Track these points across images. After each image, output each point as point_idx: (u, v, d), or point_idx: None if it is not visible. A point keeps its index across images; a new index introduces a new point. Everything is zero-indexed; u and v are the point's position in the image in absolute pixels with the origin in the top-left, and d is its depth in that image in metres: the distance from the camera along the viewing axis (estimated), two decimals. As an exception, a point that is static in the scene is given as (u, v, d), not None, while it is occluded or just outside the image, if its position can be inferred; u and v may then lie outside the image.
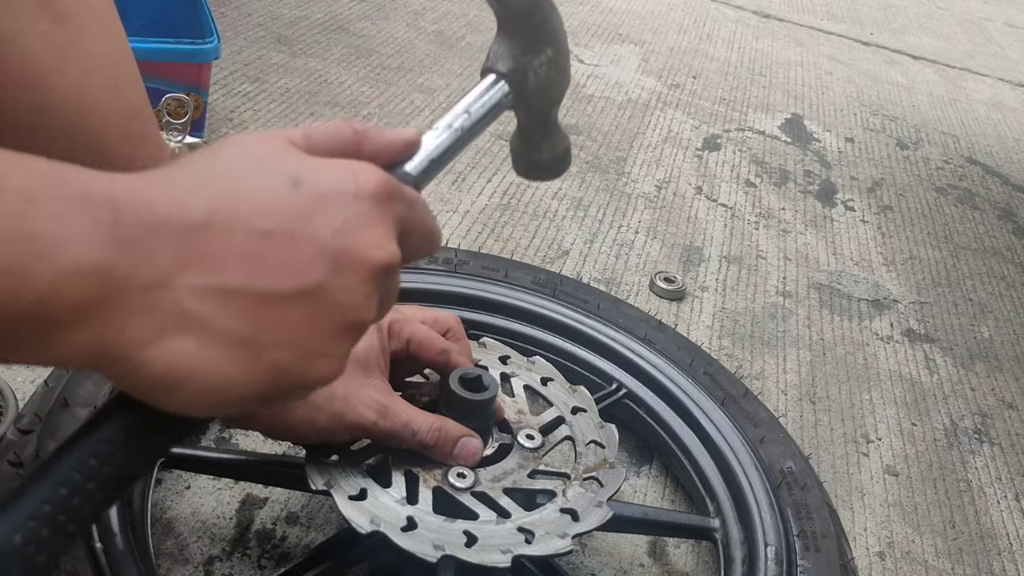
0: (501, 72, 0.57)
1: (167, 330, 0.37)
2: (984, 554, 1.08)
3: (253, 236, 0.39)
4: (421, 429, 0.72)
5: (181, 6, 1.34)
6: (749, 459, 0.95)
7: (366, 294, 0.42)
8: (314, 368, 0.41)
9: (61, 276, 0.34)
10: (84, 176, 0.36)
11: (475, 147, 1.70)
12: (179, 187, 0.39)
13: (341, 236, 0.41)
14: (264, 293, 0.39)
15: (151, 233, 0.37)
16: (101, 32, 0.55)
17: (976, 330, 1.54)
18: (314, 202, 0.41)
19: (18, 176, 0.34)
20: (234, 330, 0.39)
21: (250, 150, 0.42)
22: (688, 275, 1.48)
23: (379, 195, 0.44)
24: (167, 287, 0.37)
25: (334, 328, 0.42)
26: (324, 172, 0.42)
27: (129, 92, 0.56)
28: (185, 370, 0.38)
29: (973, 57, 3.18)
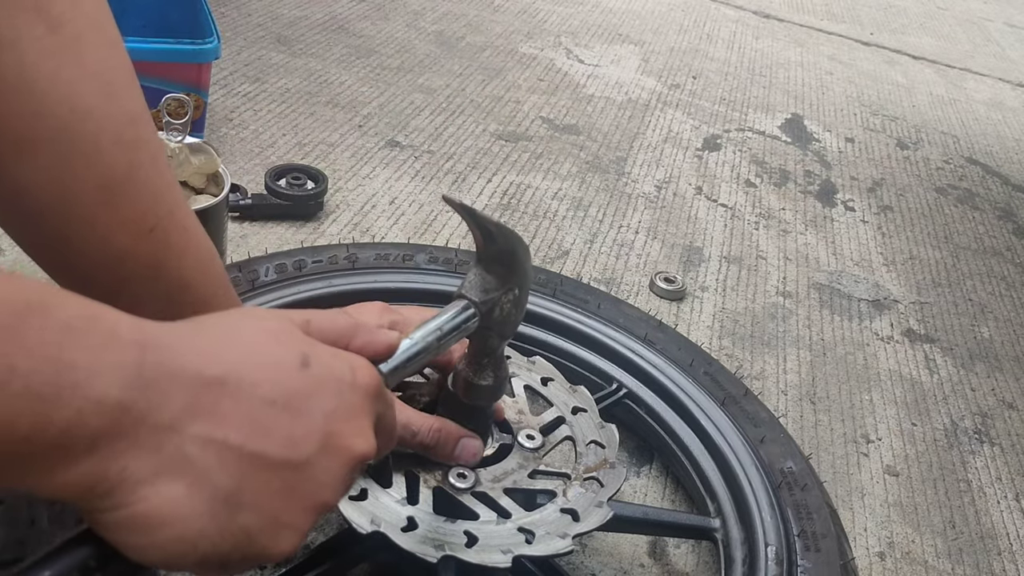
0: (474, 301, 0.64)
1: (164, 473, 0.39)
2: (984, 554, 1.08)
3: (261, 402, 0.42)
4: (421, 430, 0.72)
5: (181, 6, 1.34)
6: (749, 459, 0.95)
7: (341, 479, 0.46)
8: (276, 540, 0.44)
9: (88, 406, 0.36)
10: (114, 316, 0.39)
11: (475, 147, 1.70)
12: (201, 342, 0.42)
13: (335, 420, 0.45)
14: (257, 455, 0.42)
15: (171, 378, 0.39)
16: (96, 38, 0.55)
17: (976, 330, 1.54)
18: (316, 384, 0.45)
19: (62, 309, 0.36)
20: (222, 485, 0.41)
21: (265, 326, 0.46)
22: (688, 275, 1.48)
23: (369, 391, 0.48)
24: (175, 431, 0.39)
25: (305, 503, 0.44)
26: (329, 359, 0.47)
27: (125, 97, 0.56)
28: (167, 515, 0.39)
29: (973, 57, 3.18)
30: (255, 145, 1.52)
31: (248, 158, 1.48)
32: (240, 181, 1.38)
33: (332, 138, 1.60)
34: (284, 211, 1.34)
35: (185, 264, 0.61)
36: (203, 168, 1.12)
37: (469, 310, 0.64)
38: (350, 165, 1.54)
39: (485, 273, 0.65)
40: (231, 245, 1.25)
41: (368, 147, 1.61)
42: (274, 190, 1.34)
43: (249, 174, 1.43)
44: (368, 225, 1.39)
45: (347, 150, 1.58)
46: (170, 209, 0.59)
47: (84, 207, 0.55)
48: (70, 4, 0.53)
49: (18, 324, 0.34)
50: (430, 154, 1.64)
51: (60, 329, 0.36)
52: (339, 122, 1.66)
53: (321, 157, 1.53)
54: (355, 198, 1.45)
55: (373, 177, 1.52)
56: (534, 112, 1.92)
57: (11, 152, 0.52)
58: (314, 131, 1.61)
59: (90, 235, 0.56)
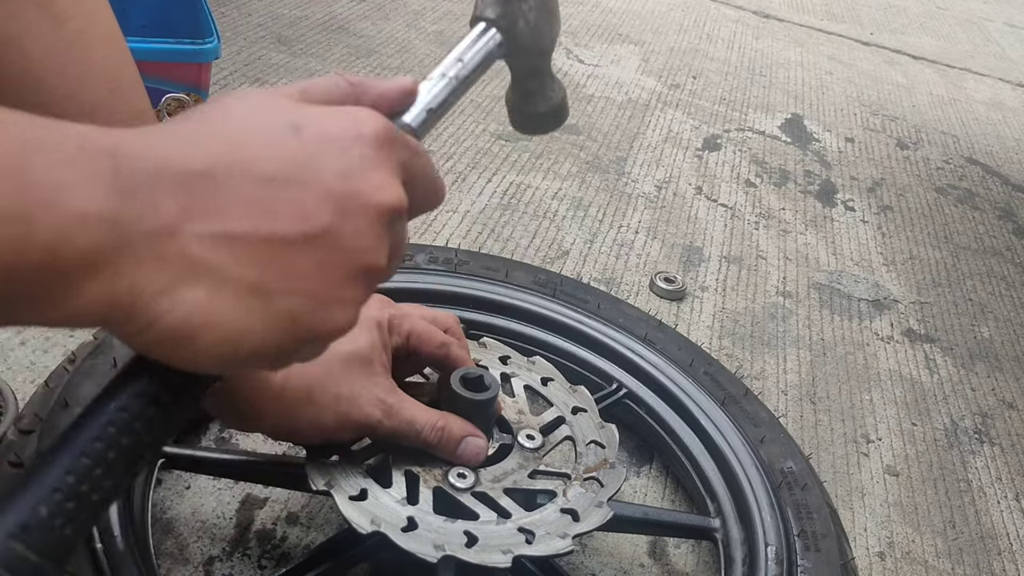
0: (490, 19, 0.56)
1: (177, 280, 0.36)
2: (984, 554, 1.08)
3: (256, 182, 0.39)
4: (424, 427, 0.72)
5: (181, 6, 1.34)
6: (749, 459, 0.95)
7: (376, 236, 0.42)
8: (327, 316, 0.41)
9: (68, 223, 0.33)
10: (79, 128, 0.36)
11: (475, 147, 1.70)
12: (177, 137, 0.39)
13: (346, 179, 0.41)
14: (270, 238, 0.38)
15: (153, 181, 0.36)
16: (100, 34, 0.55)
17: (976, 330, 1.54)
18: (316, 146, 0.41)
19: (16, 126, 0.33)
20: (243, 277, 0.38)
21: (246, 102, 0.42)
22: (688, 275, 1.48)
23: (381, 139, 0.43)
24: (174, 235, 0.36)
25: (344, 274, 0.41)
26: (324, 118, 0.42)
27: (130, 93, 0.56)
28: (199, 321, 0.37)
29: (973, 57, 3.18)
30: (255, 145, 1.52)
31: (248, 158, 1.48)
32: (240, 181, 1.38)
33: (332, 138, 1.60)
34: (284, 211, 1.34)
35: None
36: (203, 168, 1.12)
37: (490, 31, 0.56)
38: (350, 165, 1.53)
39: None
40: (231, 245, 1.25)
41: (368, 147, 1.61)
42: (274, 190, 1.33)
43: (249, 174, 1.43)
44: (368, 225, 1.39)
45: (347, 150, 1.58)
46: None
47: None
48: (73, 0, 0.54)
49: None
50: (430, 154, 1.64)
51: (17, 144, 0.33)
52: (339, 122, 1.66)
53: (321, 157, 1.53)
54: (355, 198, 1.45)
55: (373, 177, 1.52)
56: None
57: None
58: (314, 131, 1.61)
59: None
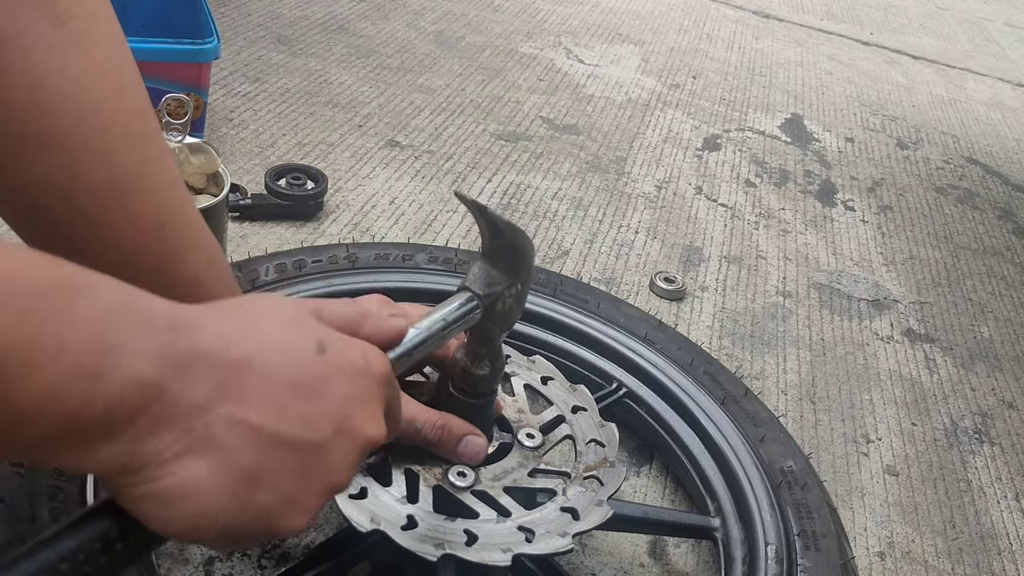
0: (477, 294, 0.66)
1: (192, 450, 0.40)
2: (984, 554, 1.08)
3: (282, 384, 0.44)
4: (425, 426, 0.72)
5: (181, 6, 1.34)
6: (749, 458, 0.95)
7: (352, 461, 0.48)
8: (291, 517, 0.45)
9: (129, 384, 0.37)
10: (148, 298, 0.40)
11: (475, 147, 1.70)
12: (226, 326, 0.43)
13: (347, 405, 0.47)
14: (278, 436, 0.43)
15: (202, 359, 0.41)
16: (101, 33, 0.55)
17: (976, 330, 1.54)
18: (332, 369, 0.46)
19: (105, 292, 0.38)
20: (243, 463, 0.42)
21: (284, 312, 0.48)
22: (688, 275, 1.48)
23: (381, 378, 0.50)
24: (205, 411, 0.40)
25: (318, 484, 0.46)
26: (344, 346, 0.48)
27: (131, 92, 0.56)
28: (192, 489, 0.40)
29: (973, 57, 3.18)
30: (255, 145, 1.52)
31: (248, 158, 1.48)
32: (240, 181, 1.38)
33: (332, 138, 1.60)
34: (284, 211, 1.34)
35: (192, 260, 0.61)
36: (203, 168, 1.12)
37: (472, 302, 0.65)
38: (350, 165, 1.54)
39: (490, 268, 0.67)
40: (231, 245, 1.25)
41: (368, 147, 1.61)
42: (274, 190, 1.34)
43: (249, 174, 1.43)
44: (368, 225, 1.39)
45: (347, 150, 1.58)
46: (178, 207, 0.59)
47: (93, 205, 0.55)
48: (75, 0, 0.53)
49: (68, 304, 0.35)
50: (430, 154, 1.64)
51: (104, 310, 0.37)
52: (339, 122, 1.66)
53: (321, 157, 1.53)
54: (355, 198, 1.45)
55: (373, 177, 1.52)
56: (534, 112, 1.92)
57: (18, 148, 0.52)
58: (314, 131, 1.61)
59: (98, 233, 0.56)
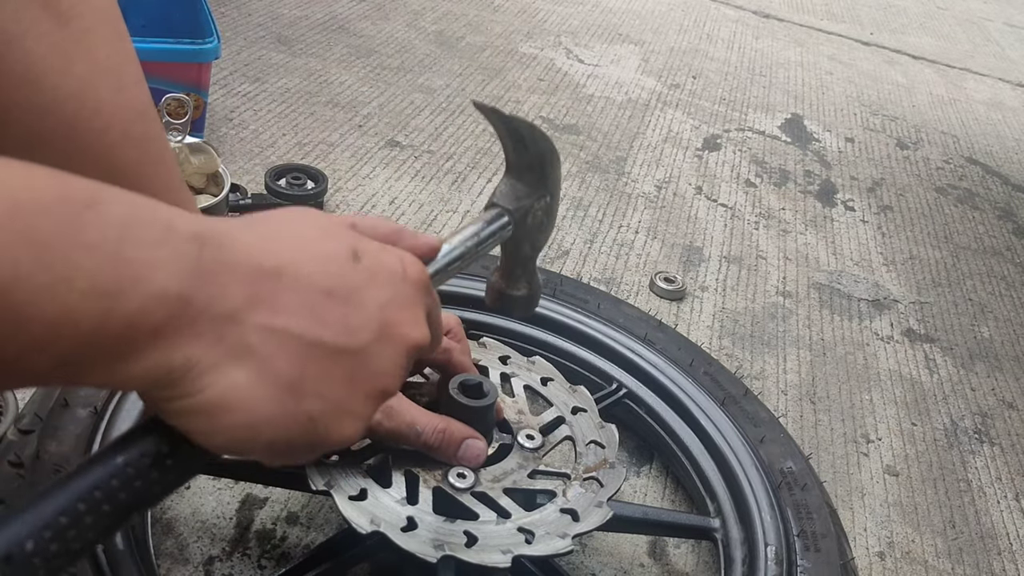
0: (507, 208, 0.64)
1: (228, 360, 0.39)
2: (984, 554, 1.08)
3: (317, 292, 0.43)
4: (426, 430, 0.72)
5: (181, 6, 1.34)
6: (749, 459, 0.95)
7: (399, 365, 0.47)
8: (341, 425, 0.44)
9: (150, 300, 0.36)
10: (168, 210, 0.39)
11: (475, 147, 1.70)
12: (255, 235, 0.42)
13: (388, 310, 0.46)
14: (316, 342, 0.42)
15: (229, 270, 0.40)
16: (105, 33, 0.55)
17: (976, 330, 1.54)
18: (369, 275, 0.46)
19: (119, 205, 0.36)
20: (284, 371, 0.41)
21: (315, 220, 0.47)
22: (688, 275, 1.48)
23: (419, 283, 0.49)
24: (236, 321, 0.40)
25: (366, 390, 0.45)
26: (379, 252, 0.48)
27: (133, 92, 0.56)
28: (233, 401, 0.40)
29: (973, 57, 3.18)
30: (255, 145, 1.52)
31: (248, 158, 1.48)
32: (240, 181, 1.38)
33: (332, 138, 1.60)
34: (284, 211, 1.34)
35: None
36: (203, 168, 1.12)
37: (503, 218, 0.64)
38: (350, 165, 1.54)
39: (516, 181, 0.65)
40: (231, 245, 1.25)
41: (368, 147, 1.61)
42: (274, 190, 1.34)
43: (249, 174, 1.43)
44: (368, 225, 1.39)
45: (347, 150, 1.58)
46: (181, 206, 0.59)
47: None
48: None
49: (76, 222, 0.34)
50: (430, 154, 1.64)
51: (118, 224, 0.36)
52: (339, 122, 1.66)
53: (321, 157, 1.53)
54: (355, 198, 1.45)
55: (373, 177, 1.52)
56: (534, 112, 1.92)
57: (19, 148, 0.52)
58: (314, 131, 1.61)
59: None
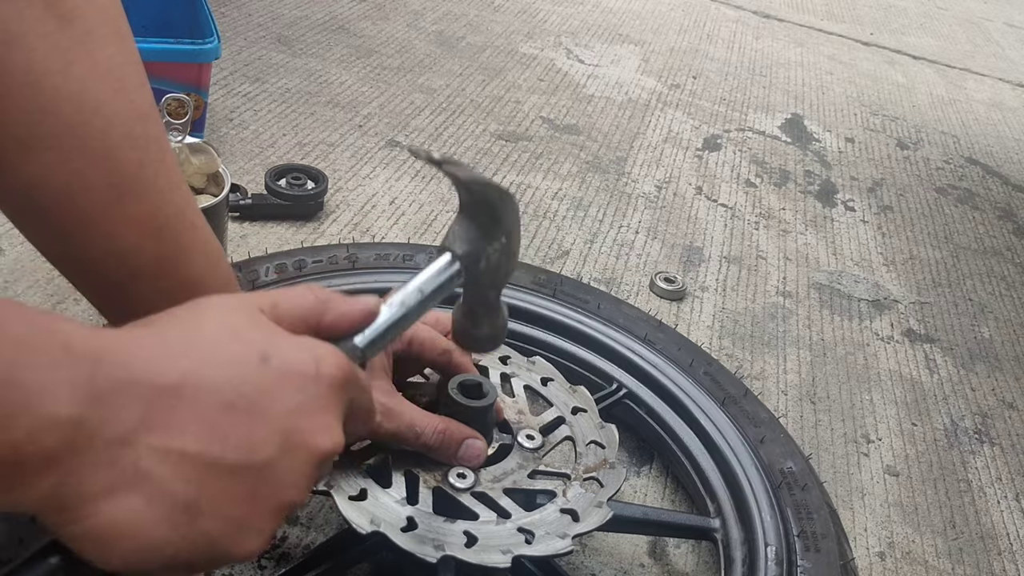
0: (457, 254, 0.59)
1: (119, 486, 0.39)
2: (984, 554, 1.08)
3: (217, 406, 0.41)
4: (425, 431, 0.72)
5: (181, 6, 1.34)
6: (749, 459, 0.95)
7: (306, 477, 0.45)
8: (240, 543, 0.43)
9: (39, 425, 0.35)
10: (67, 327, 0.38)
11: (475, 147, 1.70)
12: (157, 348, 0.41)
13: (296, 417, 0.44)
14: (216, 462, 0.41)
15: (125, 389, 0.39)
16: (108, 33, 0.55)
17: (976, 330, 1.54)
18: (277, 380, 0.44)
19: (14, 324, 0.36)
20: (180, 493, 0.40)
21: (227, 320, 0.45)
22: (688, 275, 1.48)
23: (335, 381, 0.47)
24: (129, 445, 0.39)
25: (269, 506, 0.44)
26: (290, 351, 0.45)
27: (135, 94, 0.56)
28: (126, 527, 0.39)
29: (973, 57, 3.18)
30: (255, 145, 1.52)
31: (248, 158, 1.48)
32: (240, 181, 1.38)
33: (332, 138, 1.60)
34: (284, 211, 1.34)
35: (193, 262, 0.60)
36: (203, 168, 1.12)
37: (453, 265, 0.59)
38: (350, 165, 1.54)
39: (468, 222, 0.60)
40: (231, 245, 1.25)
41: (368, 147, 1.61)
42: (274, 190, 1.34)
43: (249, 174, 1.43)
44: (368, 225, 1.39)
45: (347, 150, 1.58)
46: (179, 208, 0.59)
47: (92, 205, 0.55)
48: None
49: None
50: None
51: (12, 346, 0.35)
52: (339, 122, 1.66)
53: (321, 157, 1.53)
54: (355, 198, 1.45)
55: (373, 177, 1.52)
56: (534, 112, 1.92)
57: (19, 149, 0.52)
58: (314, 131, 1.61)
59: (98, 233, 0.56)
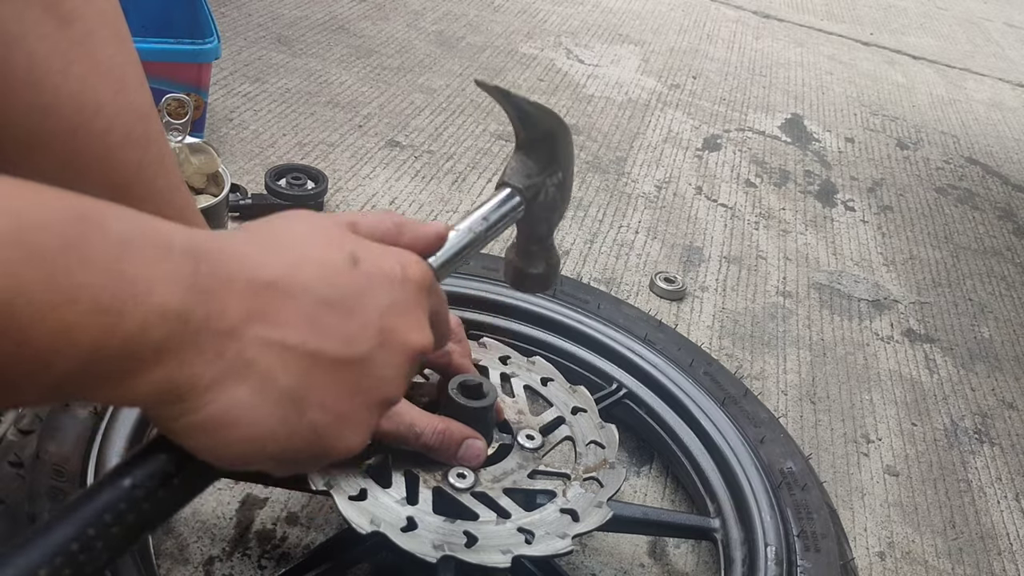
0: (517, 187, 0.62)
1: (229, 375, 0.39)
2: (984, 554, 1.08)
3: (315, 302, 0.42)
4: (425, 431, 0.72)
5: (181, 6, 1.34)
6: (749, 459, 0.95)
7: (401, 372, 0.46)
8: (344, 435, 0.44)
9: (150, 316, 0.36)
10: (167, 227, 0.39)
11: (475, 147, 1.70)
12: (251, 247, 0.42)
13: (389, 315, 0.45)
14: (317, 354, 0.42)
15: (226, 284, 0.40)
16: (107, 34, 0.55)
17: (976, 330, 1.54)
18: (369, 280, 0.45)
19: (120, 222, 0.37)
20: (286, 385, 0.41)
21: (312, 224, 0.46)
22: (688, 275, 1.48)
23: (420, 285, 0.48)
24: (235, 336, 0.40)
25: (369, 399, 0.45)
26: (378, 256, 0.47)
27: (135, 94, 0.56)
28: (235, 416, 0.40)
29: (973, 57, 3.18)
30: (255, 145, 1.52)
31: (248, 158, 1.48)
32: (240, 181, 1.38)
33: (332, 138, 1.60)
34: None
35: None
36: (203, 168, 1.12)
37: (514, 198, 0.62)
38: (350, 165, 1.54)
39: (526, 158, 0.63)
40: (231, 245, 1.25)
41: (368, 147, 1.61)
42: (274, 190, 1.34)
43: (249, 174, 1.43)
44: (368, 225, 1.39)
45: (347, 150, 1.58)
46: (179, 208, 0.59)
47: None
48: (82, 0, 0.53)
49: (79, 240, 0.34)
50: (430, 154, 1.64)
51: (118, 242, 0.36)
52: (339, 122, 1.66)
53: (321, 157, 1.53)
54: (355, 198, 1.45)
55: (373, 177, 1.52)
56: (534, 112, 1.92)
57: (20, 149, 0.52)
58: (314, 131, 1.61)
59: None
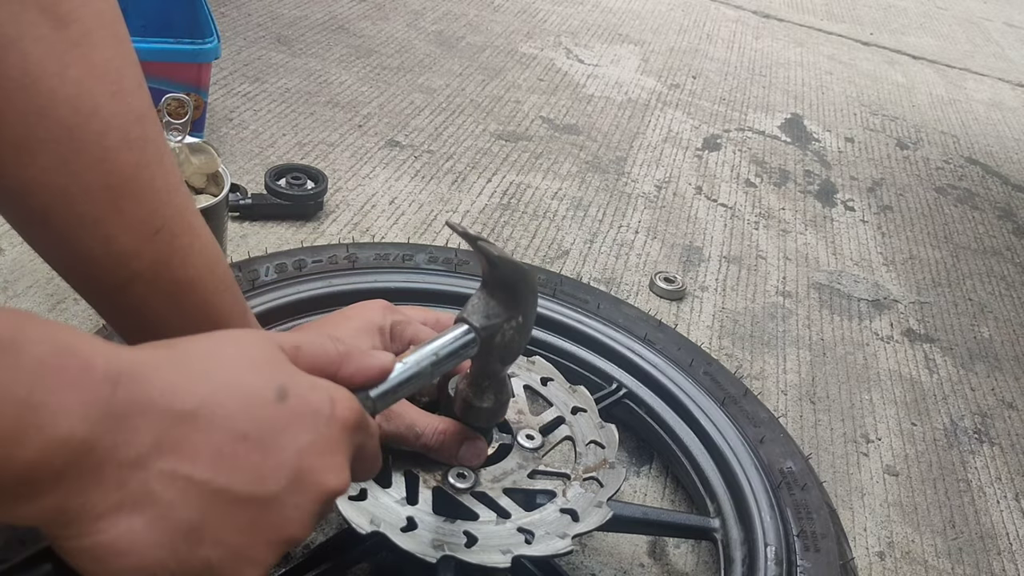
0: (474, 326, 0.62)
1: (125, 507, 0.39)
2: (984, 554, 1.08)
3: (230, 436, 0.42)
4: (425, 432, 0.72)
5: (181, 6, 1.34)
6: (749, 459, 0.95)
7: (311, 514, 0.46)
8: (238, 571, 0.43)
9: (53, 446, 0.36)
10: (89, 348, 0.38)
11: (475, 147, 1.70)
12: (179, 372, 0.42)
13: (305, 456, 0.45)
14: (224, 490, 0.41)
15: (141, 412, 0.39)
16: (104, 35, 0.55)
17: (976, 330, 1.54)
18: (291, 417, 0.44)
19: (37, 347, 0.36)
20: (184, 518, 0.40)
21: (247, 352, 0.46)
22: (688, 275, 1.48)
23: (346, 424, 0.48)
24: (140, 466, 0.39)
25: (270, 538, 0.44)
26: (308, 390, 0.46)
27: (132, 96, 0.56)
28: (126, 546, 0.39)
29: (973, 57, 3.18)
30: (255, 145, 1.52)
31: (248, 158, 1.48)
32: (240, 181, 1.38)
33: (332, 138, 1.60)
34: (284, 211, 1.34)
35: (191, 264, 0.60)
36: (203, 168, 1.12)
37: (469, 335, 0.62)
38: (350, 165, 1.54)
39: (489, 298, 0.63)
40: (231, 245, 1.25)
41: (368, 147, 1.61)
42: (274, 190, 1.34)
43: (249, 174, 1.43)
44: (368, 225, 1.39)
45: (347, 150, 1.58)
46: (178, 210, 0.59)
47: (89, 207, 0.55)
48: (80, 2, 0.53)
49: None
50: (430, 154, 1.64)
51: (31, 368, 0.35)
52: (339, 122, 1.66)
53: (321, 157, 1.53)
54: (355, 198, 1.45)
55: (373, 177, 1.52)
56: (534, 112, 1.92)
57: (16, 152, 0.52)
58: (314, 131, 1.61)
59: (95, 235, 0.55)
